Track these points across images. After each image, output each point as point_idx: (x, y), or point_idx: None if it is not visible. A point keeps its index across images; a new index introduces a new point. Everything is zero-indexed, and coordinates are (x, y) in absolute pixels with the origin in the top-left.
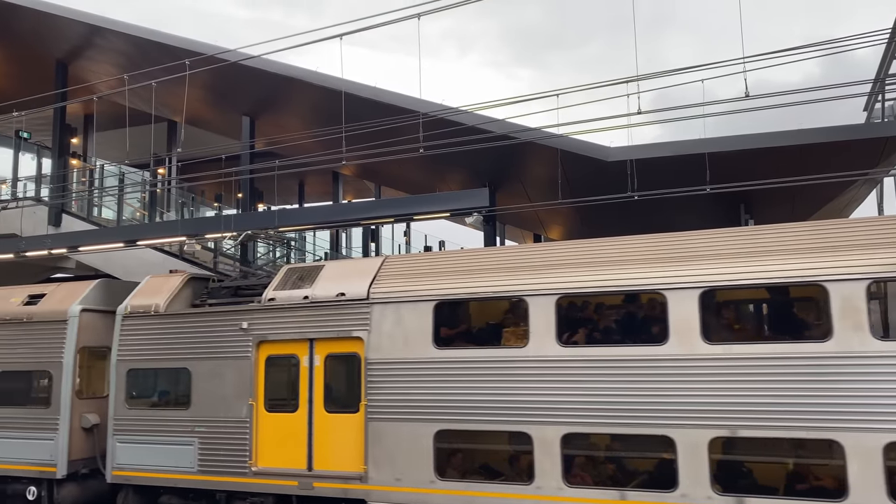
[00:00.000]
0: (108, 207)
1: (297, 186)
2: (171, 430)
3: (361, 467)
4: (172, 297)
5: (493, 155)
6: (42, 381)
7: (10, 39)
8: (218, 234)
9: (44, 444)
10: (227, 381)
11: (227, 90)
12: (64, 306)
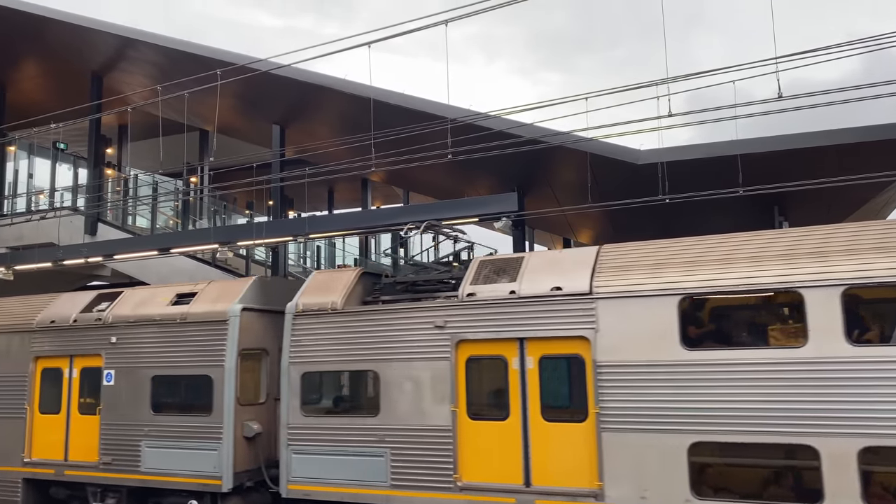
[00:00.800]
0: (143, 216)
1: (327, 193)
2: (356, 439)
3: (595, 483)
4: (348, 294)
5: (522, 159)
6: (201, 387)
7: (47, 53)
8: (249, 241)
9: (206, 454)
10: (423, 385)
11: (258, 99)
12: (223, 305)
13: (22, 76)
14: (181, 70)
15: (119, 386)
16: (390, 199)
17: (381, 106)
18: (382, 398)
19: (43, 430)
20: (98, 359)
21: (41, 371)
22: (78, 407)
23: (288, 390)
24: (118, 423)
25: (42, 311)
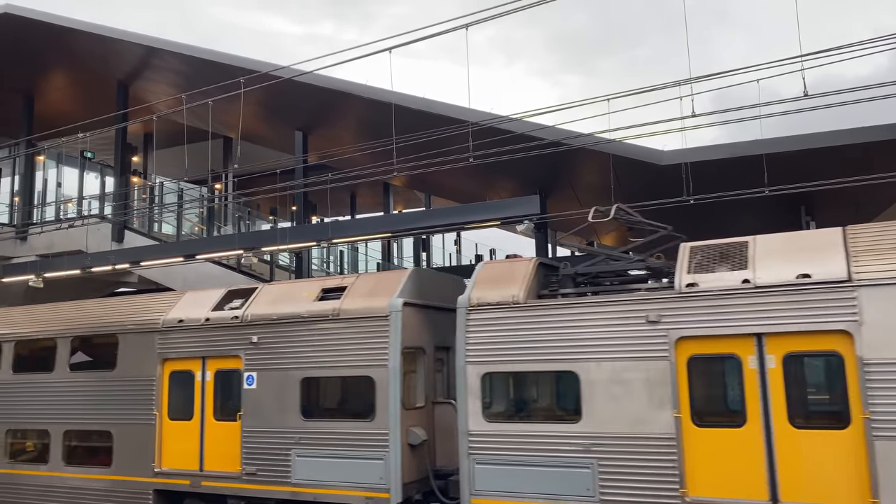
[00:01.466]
0: (168, 223)
1: (349, 198)
2: (552, 449)
3: (868, 499)
4: (528, 287)
5: (544, 162)
6: (361, 389)
7: (74, 63)
8: (274, 246)
9: (370, 464)
10: (636, 388)
11: (281, 106)
12: (382, 300)
13: (50, 87)
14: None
15: (263, 389)
16: (412, 203)
17: (402, 110)
18: (585, 402)
19: (174, 438)
20: (236, 360)
21: (169, 374)
22: (213, 412)
23: (466, 393)
24: (263, 430)
25: (168, 309)
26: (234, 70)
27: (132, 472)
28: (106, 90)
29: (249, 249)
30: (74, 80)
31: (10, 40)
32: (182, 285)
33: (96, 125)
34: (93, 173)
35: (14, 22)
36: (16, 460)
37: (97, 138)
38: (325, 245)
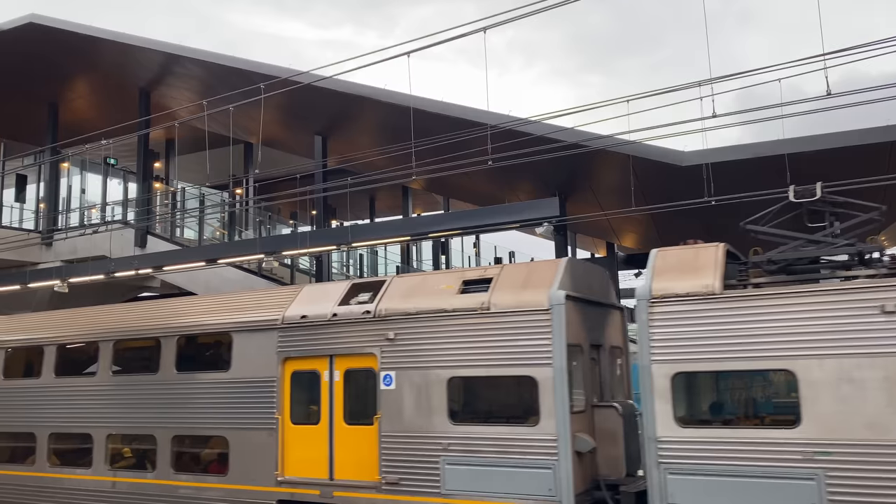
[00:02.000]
0: (190, 228)
1: (368, 202)
2: (765, 457)
3: None
4: (721, 275)
5: (563, 164)
6: (521, 390)
7: (96, 71)
8: (294, 250)
9: (536, 473)
10: (872, 389)
11: (300, 111)
12: (539, 292)
13: (73, 95)
14: (225, 84)
15: (403, 390)
16: (431, 206)
17: (420, 114)
18: (805, 405)
19: (298, 444)
20: (369, 359)
21: (291, 374)
22: (344, 416)
23: (652, 395)
24: (405, 435)
25: (286, 305)
26: (254, 76)
27: (252, 481)
28: (128, 97)
29: (270, 253)
30: (97, 87)
31: (35, 50)
32: (204, 290)
33: (119, 132)
34: (116, 179)
35: (38, 31)
36: (116, 467)
37: (120, 145)
38: (345, 249)
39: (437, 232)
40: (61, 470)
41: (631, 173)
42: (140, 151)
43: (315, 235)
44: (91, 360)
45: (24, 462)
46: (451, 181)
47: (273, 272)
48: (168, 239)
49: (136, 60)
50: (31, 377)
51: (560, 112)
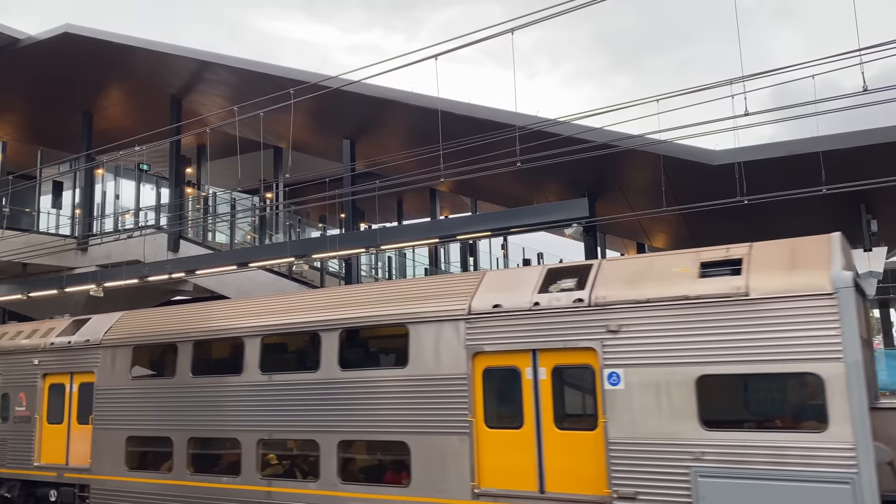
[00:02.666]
0: (222, 232)
1: (396, 205)
2: None
3: None
4: None
5: (592, 164)
6: (799, 390)
7: (129, 79)
8: (324, 253)
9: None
10: None
11: (329, 115)
12: (817, 274)
13: (107, 102)
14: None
15: (636, 391)
16: (458, 208)
17: (448, 117)
18: None
19: (496, 451)
20: (586, 354)
21: (483, 371)
22: (554, 419)
23: None
24: (641, 443)
25: (470, 293)
26: (284, 81)
27: (441, 493)
28: (160, 104)
29: (300, 257)
30: (130, 95)
31: (70, 59)
32: (236, 293)
33: (151, 138)
34: (149, 185)
35: (73, 41)
36: (269, 475)
37: (152, 151)
38: (374, 251)
39: (465, 234)
40: (204, 478)
41: (661, 173)
42: (172, 157)
43: (344, 238)
44: (236, 357)
45: (159, 469)
46: (478, 183)
47: (303, 275)
48: (200, 243)
49: (168, 68)
50: (165, 377)
51: (589, 112)
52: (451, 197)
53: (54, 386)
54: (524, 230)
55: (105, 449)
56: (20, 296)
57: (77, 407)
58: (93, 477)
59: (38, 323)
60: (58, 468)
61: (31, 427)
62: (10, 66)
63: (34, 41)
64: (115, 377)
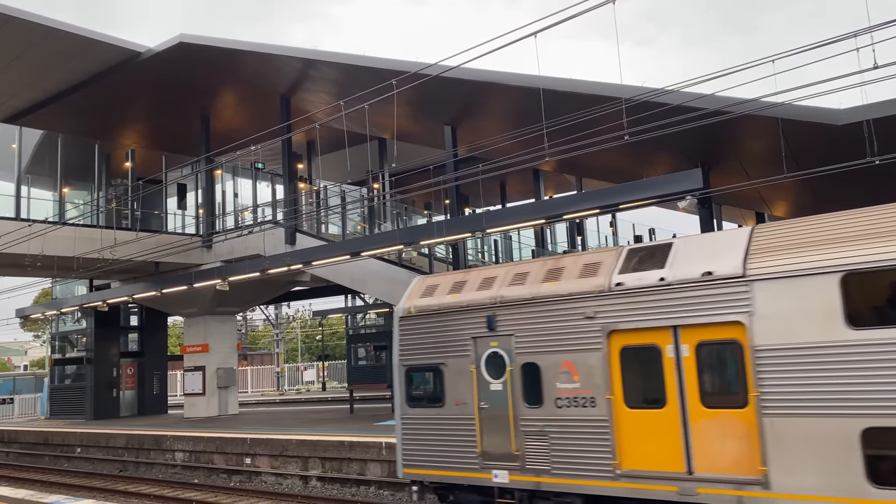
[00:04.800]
0: (333, 224)
1: (499, 188)
2: None
3: None
4: None
5: (704, 133)
6: None
7: (240, 82)
8: (432, 239)
9: None
10: None
11: (429, 103)
12: None
13: (222, 106)
14: (358, 83)
15: None
16: (562, 187)
17: (550, 94)
18: None
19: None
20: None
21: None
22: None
23: None
24: None
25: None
26: (385, 73)
27: None
28: (270, 104)
29: (409, 244)
30: (242, 97)
31: (186, 68)
32: (349, 281)
33: (264, 138)
34: (264, 182)
35: (187, 50)
36: None
37: (265, 150)
38: (480, 235)
39: (572, 213)
40: None
41: (780, 137)
42: (284, 154)
43: (450, 224)
44: None
45: None
46: (584, 160)
47: (412, 261)
48: (314, 235)
49: (275, 68)
50: None
51: (699, 78)
52: (555, 176)
53: (633, 350)
54: (635, 205)
55: (803, 450)
56: (155, 292)
57: (697, 380)
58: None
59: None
60: (674, 478)
61: (597, 413)
62: (134, 79)
63: (153, 53)
64: (805, 328)
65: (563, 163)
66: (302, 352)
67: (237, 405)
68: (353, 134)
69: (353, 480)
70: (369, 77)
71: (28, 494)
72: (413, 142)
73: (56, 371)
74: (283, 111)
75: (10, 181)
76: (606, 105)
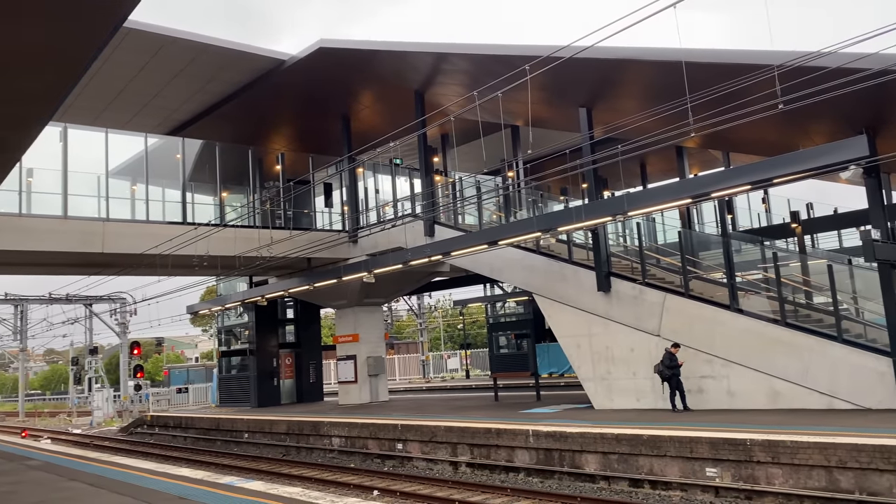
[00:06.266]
0: (470, 214)
1: (640, 168)
2: None
3: None
4: None
5: (868, 96)
6: None
7: (376, 81)
8: (570, 225)
9: None
10: None
11: (563, 86)
12: None
13: (360, 106)
14: (490, 73)
15: None
16: (708, 164)
17: (692, 67)
18: None
19: None
20: None
21: None
22: None
23: None
24: None
25: None
26: (517, 60)
27: None
28: (405, 100)
29: (546, 230)
30: (379, 96)
31: (326, 72)
32: (489, 271)
33: (401, 134)
34: (402, 177)
35: (327, 55)
36: None
37: (402, 145)
38: (622, 219)
39: (721, 190)
40: None
41: None
42: (420, 149)
43: (589, 208)
44: None
45: None
46: (731, 134)
47: (550, 248)
48: (452, 226)
49: (410, 65)
50: None
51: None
52: (699, 153)
53: None
54: (791, 179)
55: None
56: (308, 286)
57: None
58: None
59: None
60: None
61: None
62: (279, 86)
63: (295, 60)
64: None
65: (709, 138)
66: (444, 340)
67: (387, 392)
68: (486, 123)
69: (502, 467)
70: (501, 65)
71: (205, 475)
72: (547, 127)
73: (223, 362)
74: (418, 106)
75: (176, 189)
76: (755, 73)
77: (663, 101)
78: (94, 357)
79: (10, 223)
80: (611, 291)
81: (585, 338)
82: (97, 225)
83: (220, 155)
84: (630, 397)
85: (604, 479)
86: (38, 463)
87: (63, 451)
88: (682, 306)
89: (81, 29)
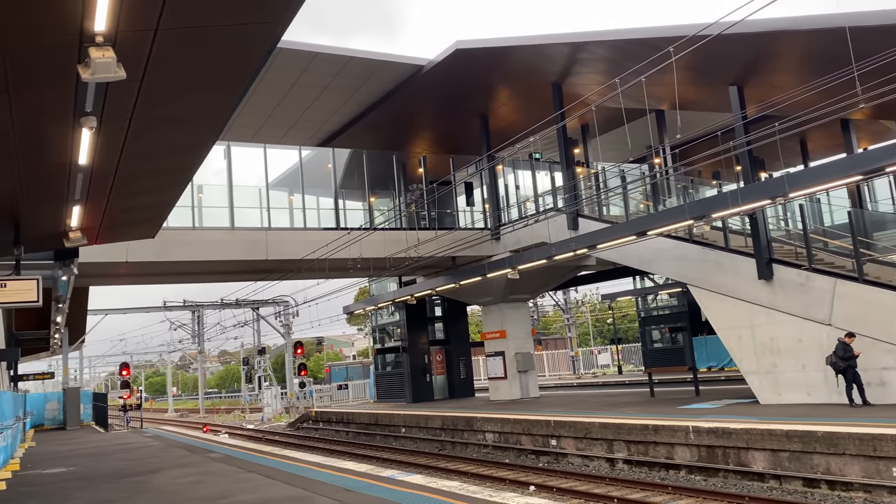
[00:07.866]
0: (615, 205)
1: (800, 146)
2: None
3: None
4: None
5: None
6: None
7: (513, 77)
8: (725, 211)
9: None
10: None
11: (710, 65)
12: None
13: (497, 103)
14: (632, 57)
15: None
16: (879, 136)
17: (858, 32)
18: None
19: None
20: None
21: None
22: None
23: None
24: None
25: None
26: (659, 42)
27: None
28: (543, 94)
29: (699, 218)
30: (516, 92)
31: (463, 73)
32: (637, 262)
33: (540, 128)
34: (542, 171)
35: (464, 56)
36: None
37: (542, 139)
38: (783, 201)
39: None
40: None
41: None
42: (560, 141)
43: (745, 192)
44: None
45: None
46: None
47: (704, 236)
48: (597, 218)
49: (546, 57)
50: None
51: None
52: (868, 125)
53: None
54: None
55: None
56: (454, 284)
57: None
58: None
59: None
60: None
61: None
62: (419, 91)
63: (434, 64)
64: None
65: (880, 108)
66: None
67: (538, 388)
68: (628, 110)
69: (661, 464)
70: (643, 48)
71: (368, 469)
72: (694, 109)
73: (378, 359)
74: (556, 98)
75: (329, 196)
76: None
77: (824, 73)
78: (263, 357)
79: (185, 236)
80: (773, 279)
81: (747, 329)
82: (261, 234)
83: (367, 162)
84: (799, 391)
85: (774, 477)
86: (219, 455)
87: (239, 445)
88: (857, 292)
89: (243, 52)
